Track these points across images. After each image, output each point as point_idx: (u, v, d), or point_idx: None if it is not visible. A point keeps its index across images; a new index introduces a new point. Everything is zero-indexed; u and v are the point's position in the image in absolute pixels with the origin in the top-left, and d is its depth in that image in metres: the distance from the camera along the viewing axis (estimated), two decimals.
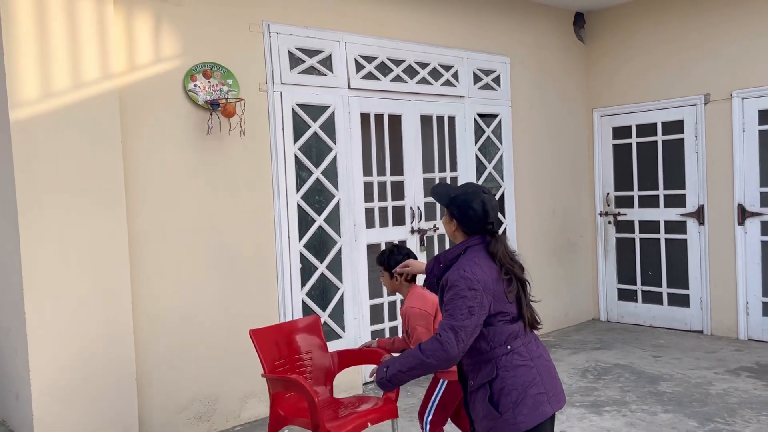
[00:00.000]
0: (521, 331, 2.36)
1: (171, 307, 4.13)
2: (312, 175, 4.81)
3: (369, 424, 3.21)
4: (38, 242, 3.54)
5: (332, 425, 3.09)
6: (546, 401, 2.30)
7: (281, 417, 3.33)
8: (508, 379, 2.28)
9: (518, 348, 2.32)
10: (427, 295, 3.23)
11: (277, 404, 3.35)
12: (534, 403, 2.28)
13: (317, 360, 3.64)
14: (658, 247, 6.62)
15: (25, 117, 3.51)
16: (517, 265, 2.41)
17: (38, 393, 3.54)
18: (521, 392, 2.27)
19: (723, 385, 4.79)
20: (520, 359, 2.31)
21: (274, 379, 3.29)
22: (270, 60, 4.56)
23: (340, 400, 3.56)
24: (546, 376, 2.34)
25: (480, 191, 2.43)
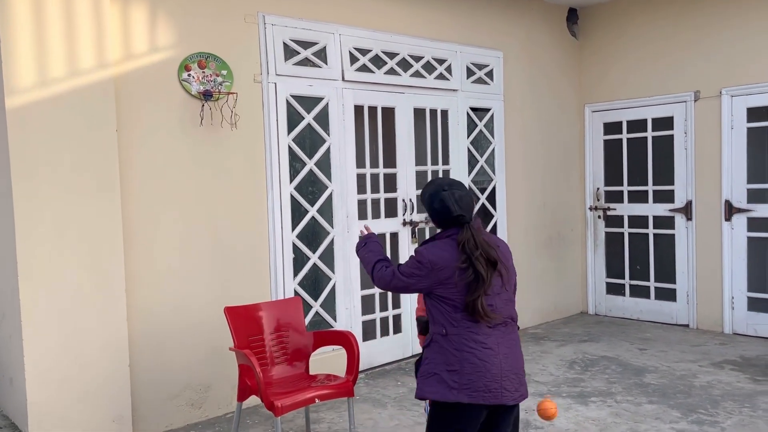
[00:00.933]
0: (465, 321, 2.44)
1: (164, 295, 4.17)
2: (305, 166, 4.85)
3: (317, 399, 3.43)
4: (33, 229, 3.57)
5: (278, 398, 3.33)
6: (456, 390, 2.41)
7: (248, 386, 3.59)
8: (433, 353, 2.50)
9: (452, 335, 2.45)
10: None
11: (245, 375, 3.61)
12: (441, 383, 2.44)
13: (293, 338, 3.88)
14: (646, 242, 6.70)
15: (20, 104, 3.53)
16: (484, 256, 2.45)
17: (32, 378, 3.58)
18: (436, 370, 2.47)
19: (707, 377, 4.88)
20: (449, 345, 2.46)
21: (237, 352, 3.57)
22: (265, 51, 4.59)
23: (314, 376, 3.79)
24: (470, 371, 2.41)
25: (440, 189, 2.58)
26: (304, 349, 3.88)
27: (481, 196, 6.17)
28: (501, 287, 2.52)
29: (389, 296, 5.41)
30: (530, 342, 6.07)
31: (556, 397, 4.57)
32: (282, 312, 3.91)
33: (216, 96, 4.29)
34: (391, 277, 2.58)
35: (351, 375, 3.61)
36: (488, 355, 2.43)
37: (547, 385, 4.85)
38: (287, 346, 3.84)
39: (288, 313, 3.91)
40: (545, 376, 5.04)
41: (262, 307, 3.88)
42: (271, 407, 3.31)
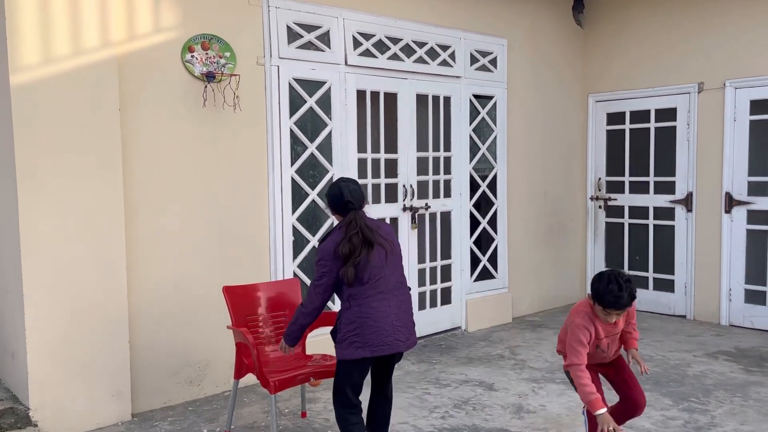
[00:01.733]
0: (359, 293, 3.00)
1: (165, 273, 4.23)
2: (307, 150, 4.88)
3: (312, 378, 3.48)
4: (36, 205, 3.62)
5: (273, 376, 3.39)
6: (360, 347, 3.00)
7: (244, 364, 3.65)
8: (342, 324, 3.06)
9: (353, 306, 3.02)
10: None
11: (242, 354, 3.67)
12: (350, 345, 3.02)
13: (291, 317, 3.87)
14: (646, 233, 6.73)
15: (25, 81, 3.57)
16: (361, 236, 2.99)
17: (33, 353, 3.65)
18: (344, 335, 3.04)
19: (701, 367, 4.93)
20: (350, 315, 3.03)
21: (234, 330, 3.62)
22: (268, 34, 4.61)
23: (310, 356, 3.85)
24: (367, 330, 3.00)
25: (339, 181, 3.20)
26: None
27: (482, 184, 6.19)
28: (386, 259, 3.06)
29: None
30: (527, 329, 6.12)
31: (550, 382, 4.62)
32: (280, 293, 3.96)
33: (219, 78, 4.32)
34: (312, 290, 3.08)
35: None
36: (382, 317, 3.02)
37: (541, 371, 4.90)
38: (284, 327, 3.88)
39: (286, 293, 3.96)
40: (540, 363, 5.09)
41: (260, 287, 3.93)
42: (266, 385, 3.37)
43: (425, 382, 4.65)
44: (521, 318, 6.54)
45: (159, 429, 3.90)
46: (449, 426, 3.89)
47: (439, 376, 4.78)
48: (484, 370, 4.92)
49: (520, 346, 5.56)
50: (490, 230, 6.31)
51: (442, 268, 5.90)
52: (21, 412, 3.69)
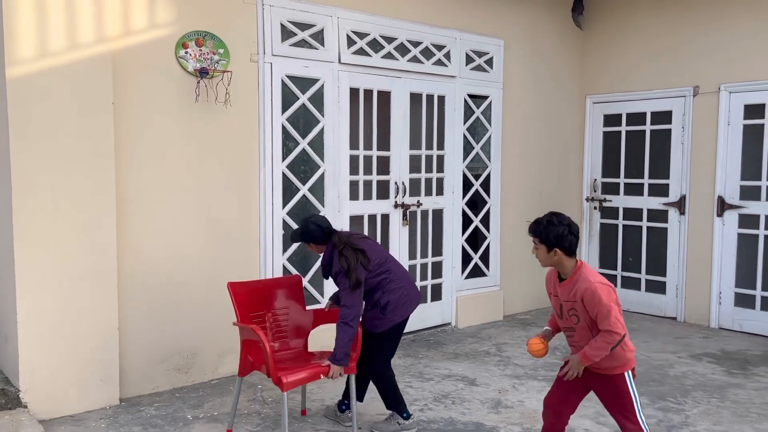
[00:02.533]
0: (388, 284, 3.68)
1: (155, 263, 4.35)
2: (298, 146, 4.98)
3: (322, 375, 3.48)
4: (30, 194, 3.75)
5: (284, 372, 3.39)
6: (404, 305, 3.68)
7: (249, 362, 3.64)
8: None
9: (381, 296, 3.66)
10: None
11: (247, 351, 3.65)
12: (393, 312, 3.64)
13: (293, 315, 3.92)
14: (639, 235, 6.77)
15: (21, 74, 3.70)
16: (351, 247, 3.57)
17: (24, 336, 3.78)
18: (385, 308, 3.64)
19: (683, 368, 4.98)
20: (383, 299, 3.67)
21: (241, 327, 3.61)
22: (262, 31, 4.71)
23: (312, 353, 3.85)
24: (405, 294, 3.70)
25: (307, 223, 3.65)
26: (304, 327, 3.91)
27: (476, 183, 6.26)
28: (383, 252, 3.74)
29: None
30: (517, 327, 6.19)
31: (531, 379, 4.70)
32: (283, 289, 3.92)
33: (212, 74, 4.43)
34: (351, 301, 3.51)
35: (353, 352, 3.60)
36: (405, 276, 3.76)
37: (524, 368, 4.97)
38: (287, 323, 3.88)
39: (289, 290, 3.93)
40: (525, 360, 5.17)
41: (264, 283, 3.94)
42: (278, 383, 3.34)
43: (409, 376, 4.74)
44: (512, 316, 6.61)
45: (145, 414, 4.03)
46: (426, 418, 3.98)
47: (423, 371, 4.87)
48: (468, 366, 5.00)
49: (507, 344, 5.63)
50: (483, 229, 6.38)
51: (433, 265, 5.99)
52: (12, 394, 3.83)
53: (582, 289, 2.88)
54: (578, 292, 2.89)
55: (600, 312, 2.85)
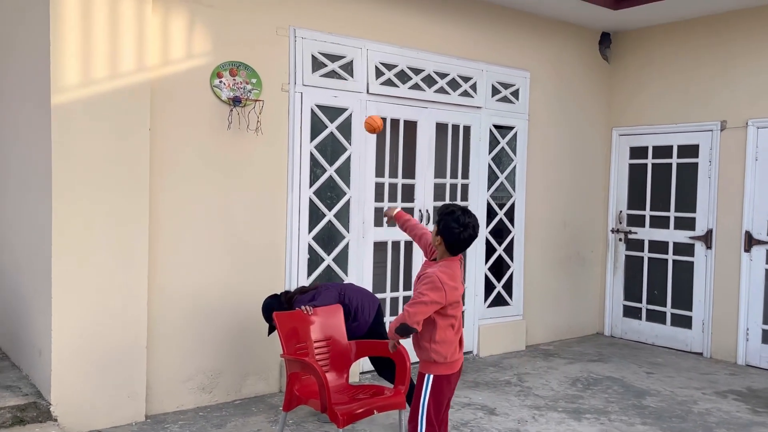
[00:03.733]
0: None
1: (184, 283, 4.48)
2: (325, 173, 5.11)
3: (375, 411, 3.43)
4: (68, 216, 3.93)
5: (341, 408, 3.32)
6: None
7: (296, 396, 3.59)
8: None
9: None
10: (457, 275, 3.11)
11: (293, 384, 3.60)
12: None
13: (336, 347, 3.88)
14: (665, 268, 6.72)
15: (64, 101, 3.90)
16: None
17: (58, 351, 3.93)
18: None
19: (707, 404, 4.91)
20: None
21: (291, 360, 3.55)
22: (294, 62, 4.88)
23: (355, 387, 3.79)
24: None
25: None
26: (346, 359, 3.86)
27: (500, 212, 6.31)
28: None
29: (400, 302, 5.62)
30: (539, 357, 6.17)
31: (551, 410, 4.69)
32: (325, 319, 3.90)
33: (244, 102, 4.60)
34: None
35: (402, 386, 3.57)
36: None
37: (545, 399, 4.96)
38: (330, 355, 3.85)
39: (331, 320, 3.90)
40: (545, 391, 5.15)
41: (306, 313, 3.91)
42: (335, 418, 3.31)
43: None
44: (535, 346, 6.59)
45: (169, 430, 4.12)
46: None
47: None
48: (488, 395, 5.00)
49: (528, 374, 5.62)
50: (506, 258, 6.41)
51: None
52: (43, 407, 3.96)
53: (424, 273, 3.07)
54: (422, 274, 3.08)
55: (415, 291, 3.04)
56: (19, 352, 4.69)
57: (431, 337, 3.06)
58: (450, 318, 3.07)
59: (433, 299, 2.98)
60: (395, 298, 5.61)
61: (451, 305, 3.05)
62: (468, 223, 3.02)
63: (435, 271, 3.02)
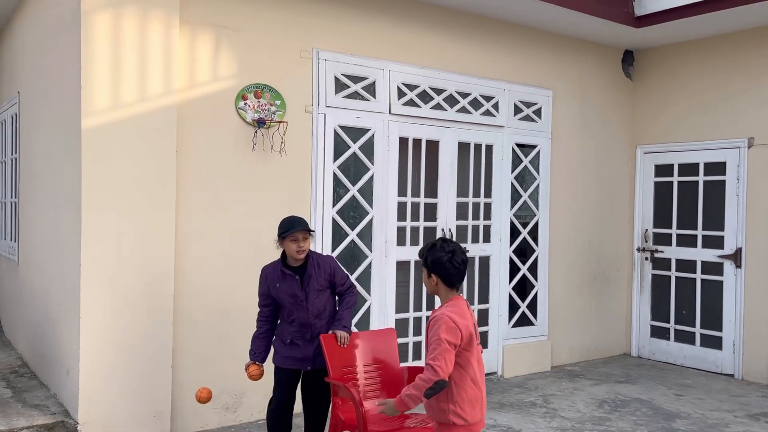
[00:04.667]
0: None
1: (208, 303, 4.52)
2: (348, 192, 5.14)
3: None
4: (97, 236, 4.00)
5: None
6: None
7: (341, 421, 3.52)
8: None
9: None
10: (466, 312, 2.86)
11: (339, 409, 3.54)
12: None
13: (387, 371, 3.76)
14: (693, 287, 6.60)
15: (94, 125, 3.99)
16: None
17: (85, 370, 3.98)
18: None
19: (739, 428, 4.78)
20: None
21: (334, 384, 3.50)
22: (317, 84, 4.94)
23: (407, 416, 3.64)
24: None
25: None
26: (398, 384, 3.69)
27: (523, 231, 6.28)
28: None
29: (422, 322, 5.59)
30: (564, 378, 6.08)
31: None
32: (376, 343, 3.80)
33: (268, 124, 4.66)
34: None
35: None
36: None
37: (571, 421, 4.87)
38: (380, 380, 3.74)
39: (383, 344, 3.79)
40: (572, 413, 5.07)
41: (357, 336, 3.83)
42: None
43: None
44: (560, 367, 6.50)
45: None
46: None
47: None
48: (513, 417, 4.94)
49: (554, 395, 5.54)
50: (531, 277, 6.36)
51: (480, 312, 5.98)
52: (71, 426, 4.01)
53: (432, 317, 2.77)
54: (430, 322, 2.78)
55: (430, 341, 2.66)
56: (47, 372, 4.76)
57: (449, 396, 2.72)
58: (468, 369, 2.75)
59: (450, 340, 2.67)
60: (418, 318, 5.58)
61: (466, 348, 2.75)
62: (454, 249, 2.79)
63: (443, 311, 2.76)
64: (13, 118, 6.01)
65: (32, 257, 5.35)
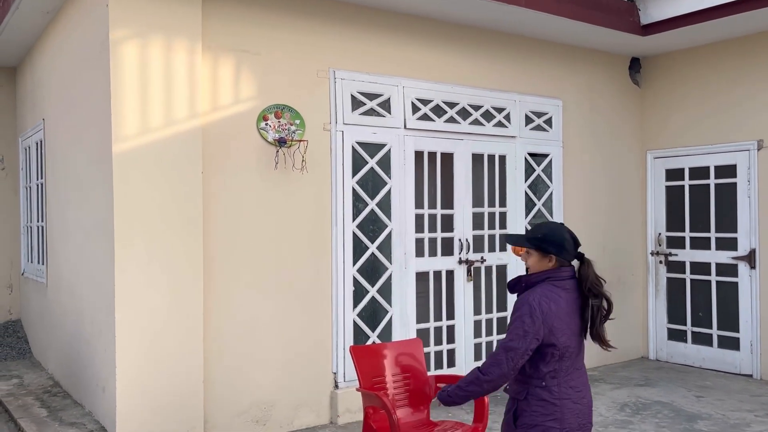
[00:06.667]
0: (564, 369, 2.65)
1: (236, 318, 4.64)
2: (367, 206, 5.26)
3: None
4: (129, 259, 4.14)
5: None
6: None
7: (373, 430, 3.62)
8: (532, 405, 2.65)
9: (552, 386, 2.64)
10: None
11: (370, 418, 3.64)
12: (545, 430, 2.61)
13: (415, 381, 3.86)
14: (708, 289, 6.67)
15: (124, 150, 4.15)
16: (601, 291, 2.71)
17: (122, 388, 4.11)
18: (539, 421, 2.62)
19: (761, 427, 4.85)
20: (548, 396, 2.64)
21: (365, 393, 3.61)
22: (334, 103, 5.09)
23: (435, 423, 3.75)
24: (568, 415, 2.63)
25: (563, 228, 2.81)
26: (426, 393, 3.79)
27: None
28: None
29: (444, 331, 5.69)
30: None
31: None
32: (404, 353, 3.89)
33: (289, 143, 4.81)
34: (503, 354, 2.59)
35: (480, 423, 3.48)
36: (580, 398, 2.67)
37: (595, 425, 4.94)
38: (408, 389, 3.81)
39: (410, 354, 3.89)
40: (594, 417, 5.11)
41: (384, 347, 3.95)
42: None
43: None
44: None
45: None
46: None
47: (492, 426, 4.92)
48: None
49: None
50: None
51: (498, 321, 6.07)
52: None
53: None
54: None
55: None
56: (81, 391, 4.89)
57: None
58: None
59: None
60: (438, 328, 5.69)
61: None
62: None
63: None
64: (38, 144, 6.18)
65: (61, 280, 5.50)
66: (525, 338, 2.56)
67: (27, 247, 6.85)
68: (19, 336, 6.93)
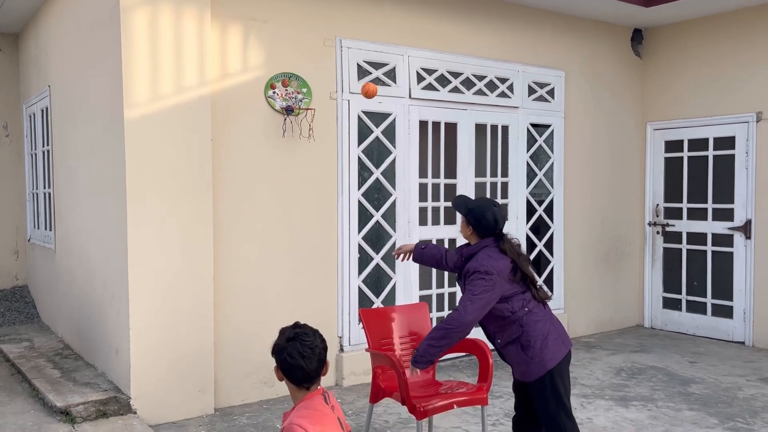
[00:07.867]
0: (532, 299, 3.18)
1: (245, 284, 4.76)
2: (372, 175, 5.34)
3: (455, 405, 3.54)
4: (141, 223, 4.23)
5: (420, 401, 3.46)
6: (561, 343, 3.14)
7: (381, 389, 3.75)
8: (531, 332, 3.11)
9: (533, 309, 3.15)
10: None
11: (379, 378, 3.78)
12: (554, 345, 3.11)
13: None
14: (704, 259, 6.81)
15: (136, 116, 4.20)
16: (522, 257, 3.21)
17: (135, 349, 4.23)
18: (543, 340, 3.10)
19: (751, 390, 5.02)
20: (536, 317, 3.14)
21: (374, 354, 3.75)
22: (340, 71, 5.13)
23: (440, 382, 3.90)
24: (557, 325, 3.19)
25: (491, 205, 3.26)
26: None
27: (539, 208, 6.48)
28: None
29: (446, 299, 5.83)
30: (581, 349, 6.32)
31: (599, 398, 4.85)
32: (410, 317, 4.00)
33: (296, 111, 4.86)
34: (469, 303, 3.05)
35: (485, 383, 3.61)
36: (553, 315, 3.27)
37: (591, 387, 5.12)
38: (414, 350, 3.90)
39: (416, 318, 4.00)
40: (591, 380, 5.31)
41: (392, 310, 4.05)
42: (413, 410, 3.40)
43: None
44: (577, 339, 6.74)
45: (238, 422, 4.40)
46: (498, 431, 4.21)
47: (493, 389, 5.09)
48: None
49: (573, 365, 5.76)
50: (547, 253, 6.58)
51: None
52: (123, 401, 4.27)
53: None
54: None
55: None
56: (93, 353, 5.02)
57: None
58: None
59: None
60: (441, 295, 5.82)
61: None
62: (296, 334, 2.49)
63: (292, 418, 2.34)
64: (44, 111, 6.21)
65: (71, 245, 5.59)
66: (485, 293, 3.05)
67: (33, 214, 6.92)
68: (26, 301, 7.04)
